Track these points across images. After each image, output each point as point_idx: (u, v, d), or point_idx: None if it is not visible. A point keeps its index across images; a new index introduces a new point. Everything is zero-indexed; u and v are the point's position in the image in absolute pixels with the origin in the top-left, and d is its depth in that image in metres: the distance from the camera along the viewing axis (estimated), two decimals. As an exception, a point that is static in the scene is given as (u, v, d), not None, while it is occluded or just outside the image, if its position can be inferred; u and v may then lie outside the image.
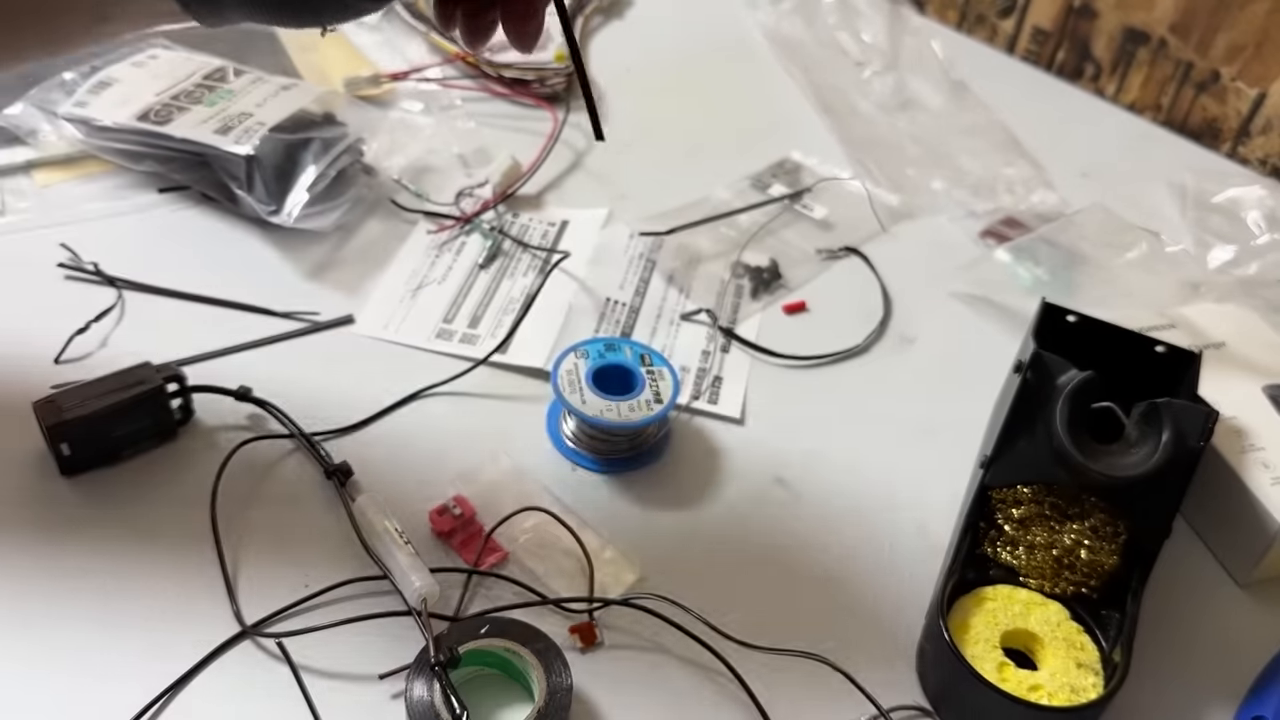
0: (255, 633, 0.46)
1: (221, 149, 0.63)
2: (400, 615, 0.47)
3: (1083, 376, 0.50)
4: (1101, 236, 0.72)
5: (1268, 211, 0.75)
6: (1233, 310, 0.65)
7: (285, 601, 0.47)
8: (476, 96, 0.80)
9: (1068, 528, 0.50)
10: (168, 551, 0.49)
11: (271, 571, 0.49)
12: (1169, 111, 0.88)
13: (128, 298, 0.60)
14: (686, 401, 0.60)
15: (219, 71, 0.70)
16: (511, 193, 0.71)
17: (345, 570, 0.49)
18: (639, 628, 0.49)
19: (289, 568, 0.49)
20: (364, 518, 0.50)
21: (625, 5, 0.94)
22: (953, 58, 0.89)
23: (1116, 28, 0.88)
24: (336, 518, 0.51)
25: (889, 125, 0.82)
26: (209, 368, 0.57)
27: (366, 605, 0.48)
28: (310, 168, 0.64)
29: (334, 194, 0.65)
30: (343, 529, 0.50)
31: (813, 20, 0.92)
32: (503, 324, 0.63)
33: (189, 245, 0.64)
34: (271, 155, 0.63)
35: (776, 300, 0.67)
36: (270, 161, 0.63)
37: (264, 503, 0.52)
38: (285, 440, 0.54)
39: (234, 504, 0.51)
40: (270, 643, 0.46)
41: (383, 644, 0.46)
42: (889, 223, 0.74)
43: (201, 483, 0.51)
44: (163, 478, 0.52)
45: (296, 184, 0.63)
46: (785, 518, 0.55)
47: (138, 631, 0.46)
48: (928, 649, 0.48)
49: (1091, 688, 0.46)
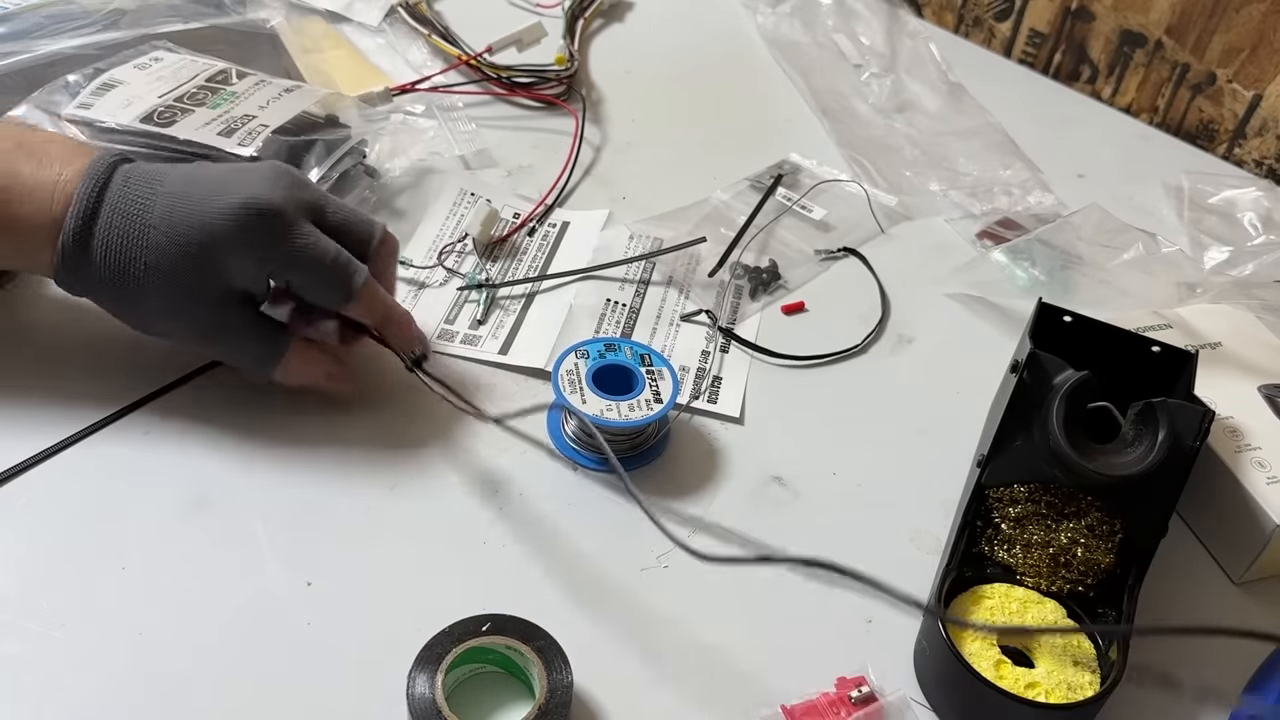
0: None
1: (225, 151, 0.63)
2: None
3: (1079, 376, 0.51)
4: (1098, 237, 0.72)
5: (1263, 213, 0.75)
6: (1228, 310, 0.65)
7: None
8: (479, 100, 0.80)
9: (1064, 526, 0.50)
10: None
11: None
12: (1165, 113, 0.88)
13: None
14: (686, 401, 0.60)
15: (222, 74, 0.70)
16: (495, 240, 0.68)
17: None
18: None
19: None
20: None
21: (625, 8, 0.94)
22: (950, 60, 0.90)
23: (1113, 30, 0.89)
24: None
25: (887, 127, 0.83)
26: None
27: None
28: (313, 169, 0.64)
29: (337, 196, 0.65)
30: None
31: (811, 23, 0.93)
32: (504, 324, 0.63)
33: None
34: (274, 157, 0.63)
35: (776, 301, 0.68)
36: (273, 164, 0.63)
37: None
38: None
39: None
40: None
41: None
42: (887, 224, 0.74)
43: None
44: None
45: (299, 186, 0.64)
46: (783, 516, 0.55)
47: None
48: (925, 647, 0.49)
49: (1088, 685, 0.46)
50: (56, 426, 0.53)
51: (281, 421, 0.56)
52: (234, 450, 0.54)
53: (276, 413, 0.56)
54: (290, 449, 0.55)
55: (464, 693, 0.46)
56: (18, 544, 0.49)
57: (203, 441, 0.54)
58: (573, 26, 0.88)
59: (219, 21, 0.79)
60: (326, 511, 0.52)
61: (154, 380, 0.56)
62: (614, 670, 0.47)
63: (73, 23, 0.74)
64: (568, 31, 0.87)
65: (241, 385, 0.56)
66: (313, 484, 0.53)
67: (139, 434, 0.54)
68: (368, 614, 0.48)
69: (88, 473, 0.52)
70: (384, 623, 0.48)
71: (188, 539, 0.50)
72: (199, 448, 0.54)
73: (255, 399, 0.56)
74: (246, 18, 0.81)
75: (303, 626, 0.48)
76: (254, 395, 0.56)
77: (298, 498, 0.52)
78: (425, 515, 0.53)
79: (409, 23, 0.84)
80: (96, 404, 0.55)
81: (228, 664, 0.46)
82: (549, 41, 0.83)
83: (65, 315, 0.58)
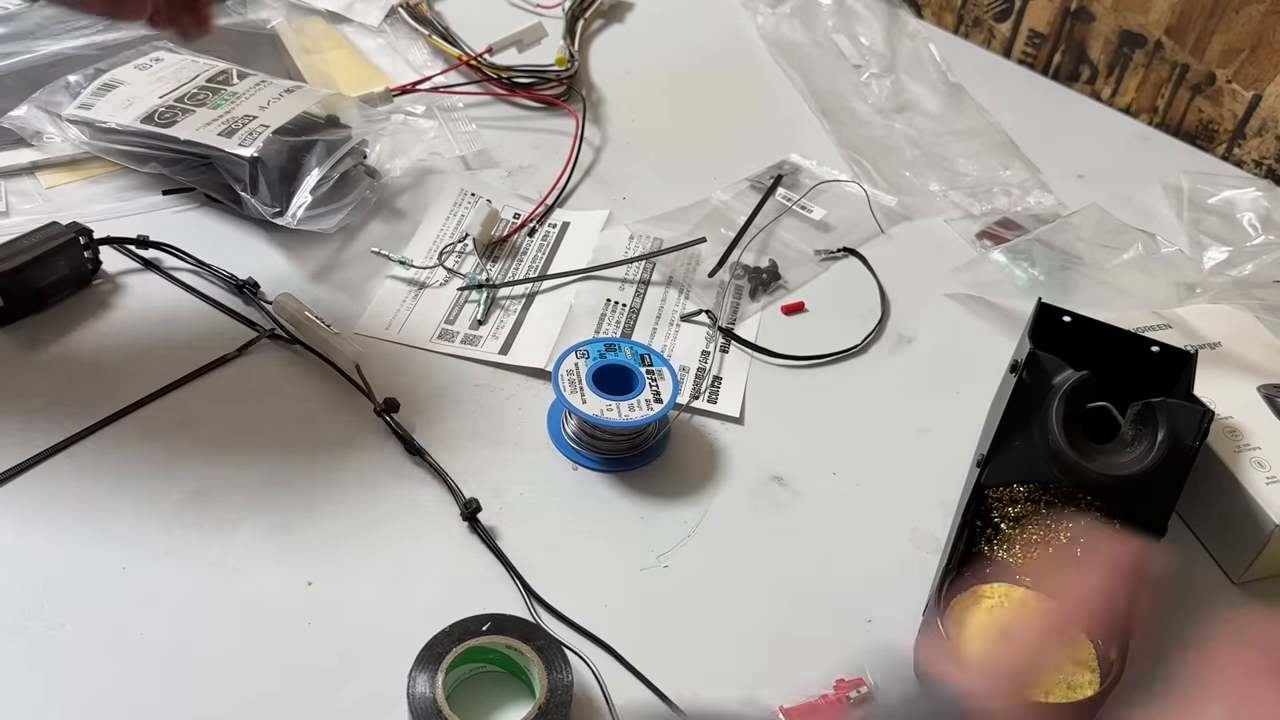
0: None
1: (226, 151, 0.64)
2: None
3: (1078, 376, 0.51)
4: (1097, 238, 0.72)
5: (1263, 213, 0.75)
6: (1228, 311, 0.65)
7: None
8: (479, 100, 0.81)
9: (1064, 526, 0.50)
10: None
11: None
12: (1165, 114, 0.88)
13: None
14: (686, 401, 0.60)
15: (223, 74, 0.70)
16: (496, 240, 0.68)
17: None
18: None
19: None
20: (284, 312, 0.58)
21: (625, 8, 0.94)
22: (950, 61, 0.90)
23: (1112, 30, 0.89)
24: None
25: (887, 127, 0.83)
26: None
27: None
28: (314, 170, 0.64)
29: (337, 196, 0.66)
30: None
31: (811, 23, 0.93)
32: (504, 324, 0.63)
33: (193, 247, 0.64)
34: (275, 157, 0.64)
35: (775, 301, 0.68)
36: (274, 163, 0.64)
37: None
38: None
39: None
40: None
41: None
42: (887, 224, 0.74)
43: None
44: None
45: (300, 186, 0.64)
46: (783, 516, 0.55)
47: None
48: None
49: (1087, 685, 0.46)
50: (57, 426, 0.54)
51: (282, 421, 0.56)
52: (234, 450, 0.54)
53: (277, 412, 0.56)
54: (290, 448, 0.55)
55: (464, 692, 0.46)
56: (18, 544, 0.49)
57: (203, 441, 0.54)
58: (573, 27, 0.88)
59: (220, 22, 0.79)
60: (327, 511, 0.52)
61: (154, 381, 0.56)
62: (614, 670, 0.47)
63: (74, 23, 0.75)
64: (568, 32, 0.87)
65: (242, 385, 0.56)
66: (313, 484, 0.54)
67: (139, 434, 0.54)
68: (368, 614, 0.48)
69: (88, 473, 0.52)
70: (384, 623, 0.48)
71: (188, 539, 0.50)
72: (199, 447, 0.54)
73: (255, 398, 0.56)
74: (247, 18, 0.82)
75: (303, 626, 0.48)
76: (254, 394, 0.56)
77: (298, 498, 0.52)
78: (426, 515, 0.53)
79: (409, 23, 0.84)
80: (96, 404, 0.55)
81: (228, 664, 0.46)
82: (549, 42, 0.83)
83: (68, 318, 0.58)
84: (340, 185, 0.66)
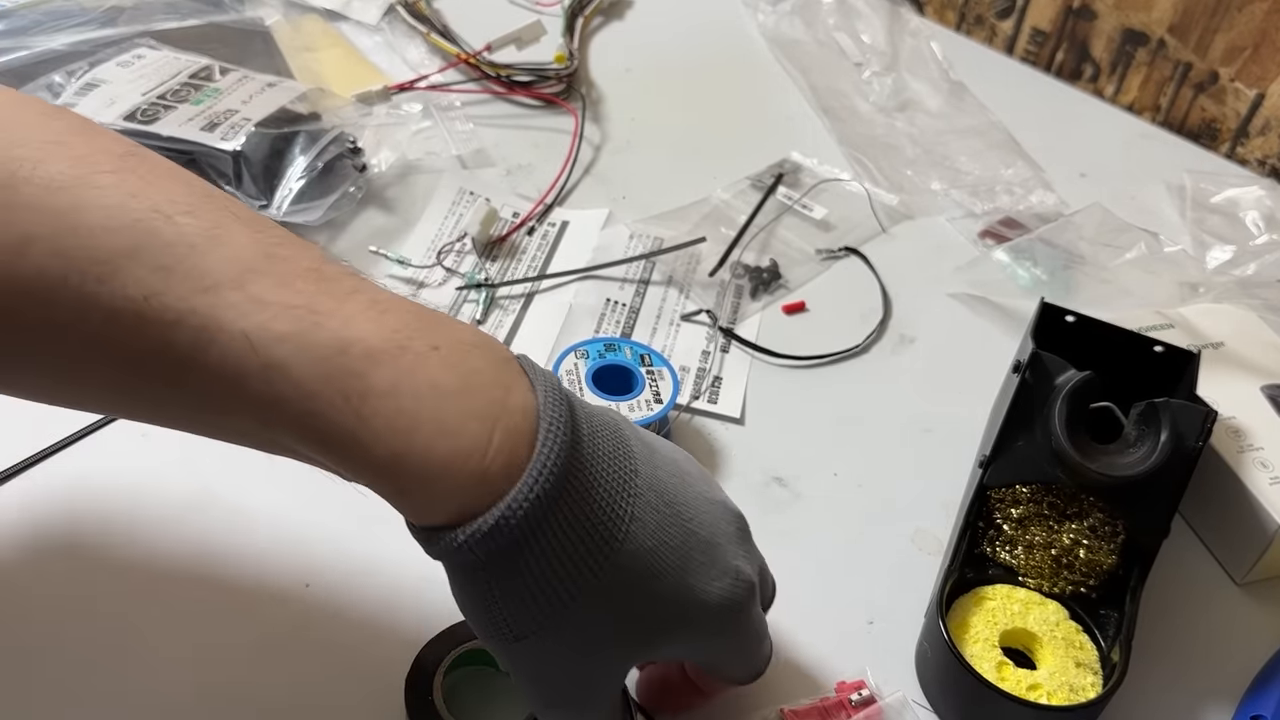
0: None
1: (209, 145, 0.63)
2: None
3: (1081, 376, 0.51)
4: (1100, 237, 0.72)
5: (1266, 212, 0.75)
6: (1231, 310, 0.65)
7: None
8: (477, 98, 0.80)
9: (1066, 527, 0.50)
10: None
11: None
12: (1167, 112, 0.88)
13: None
14: (686, 401, 0.60)
15: (205, 70, 0.70)
16: (494, 240, 0.68)
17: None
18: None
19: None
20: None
21: (625, 6, 0.94)
22: (952, 59, 0.89)
23: (1115, 29, 0.88)
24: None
25: (888, 126, 0.83)
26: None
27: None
28: (299, 159, 0.64)
29: (323, 188, 0.65)
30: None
31: (812, 21, 0.92)
32: (503, 324, 0.63)
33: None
34: (258, 150, 0.64)
35: (776, 300, 0.68)
36: (257, 157, 0.63)
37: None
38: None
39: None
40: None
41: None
42: (888, 223, 0.74)
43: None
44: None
45: (285, 177, 0.64)
46: (784, 517, 0.55)
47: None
48: (927, 648, 0.48)
49: (1090, 687, 0.46)
50: (57, 426, 0.53)
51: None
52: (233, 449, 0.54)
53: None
54: (288, 449, 0.54)
55: (463, 693, 0.46)
56: (18, 544, 0.49)
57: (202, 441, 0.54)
58: (572, 24, 0.87)
59: (216, 19, 0.79)
60: (326, 511, 0.52)
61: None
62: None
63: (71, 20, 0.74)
64: (567, 29, 0.87)
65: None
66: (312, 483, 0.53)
67: (139, 434, 0.54)
68: (368, 614, 0.48)
69: (88, 473, 0.52)
70: (384, 623, 0.48)
71: (187, 539, 0.50)
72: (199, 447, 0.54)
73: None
74: (244, 15, 0.81)
75: (303, 626, 0.47)
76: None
77: (297, 497, 0.52)
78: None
79: (407, 21, 0.84)
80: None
81: (227, 665, 0.46)
82: (548, 40, 0.83)
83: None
84: (326, 177, 0.66)
